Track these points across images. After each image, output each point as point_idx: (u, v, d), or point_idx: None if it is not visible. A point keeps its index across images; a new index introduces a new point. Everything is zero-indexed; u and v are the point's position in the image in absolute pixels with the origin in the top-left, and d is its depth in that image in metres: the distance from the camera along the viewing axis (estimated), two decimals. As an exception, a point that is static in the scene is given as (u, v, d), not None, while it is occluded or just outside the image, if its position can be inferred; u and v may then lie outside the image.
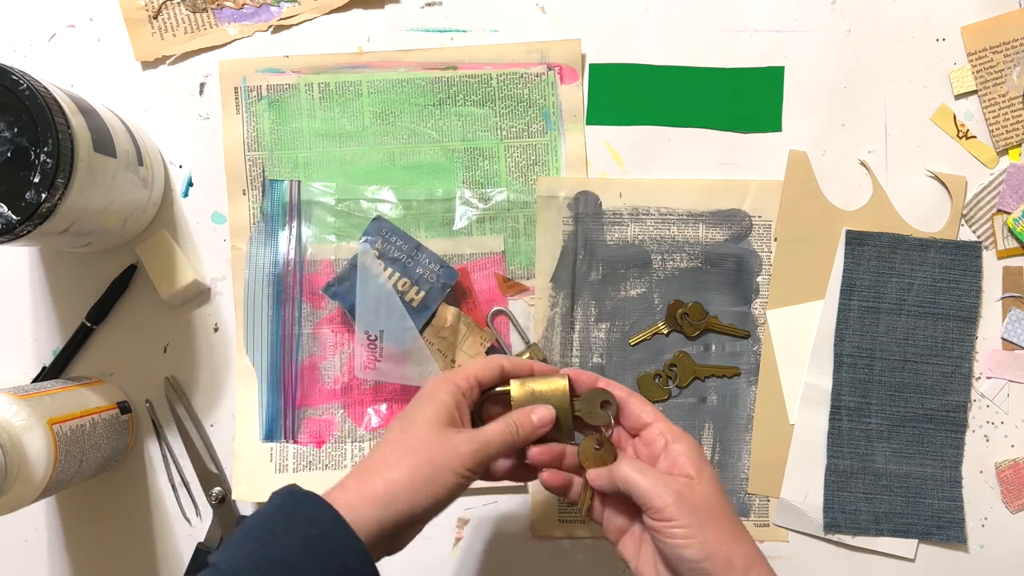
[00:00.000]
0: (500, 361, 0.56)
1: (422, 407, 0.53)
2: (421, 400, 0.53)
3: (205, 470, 0.71)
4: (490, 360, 0.56)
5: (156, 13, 0.72)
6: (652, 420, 0.55)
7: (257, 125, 0.72)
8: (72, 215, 0.59)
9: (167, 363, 0.72)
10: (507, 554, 0.71)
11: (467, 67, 0.71)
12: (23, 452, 0.58)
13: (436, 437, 0.51)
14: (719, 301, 0.71)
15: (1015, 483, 0.70)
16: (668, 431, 0.54)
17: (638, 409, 0.55)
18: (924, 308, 0.70)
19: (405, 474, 0.49)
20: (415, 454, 0.50)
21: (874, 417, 0.70)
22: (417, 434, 0.51)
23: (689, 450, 0.53)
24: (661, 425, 0.54)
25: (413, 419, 0.52)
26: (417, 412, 0.52)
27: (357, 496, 0.49)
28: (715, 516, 0.50)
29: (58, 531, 0.72)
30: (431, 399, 0.53)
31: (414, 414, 0.53)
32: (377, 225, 0.71)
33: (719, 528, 0.50)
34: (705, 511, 0.50)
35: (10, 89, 0.55)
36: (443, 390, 0.53)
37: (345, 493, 0.49)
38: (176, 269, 0.70)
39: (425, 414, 0.52)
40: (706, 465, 0.52)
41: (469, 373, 0.55)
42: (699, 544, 0.49)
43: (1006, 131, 0.70)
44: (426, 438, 0.51)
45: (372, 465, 0.51)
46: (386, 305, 0.70)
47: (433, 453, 0.50)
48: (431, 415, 0.52)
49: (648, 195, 0.71)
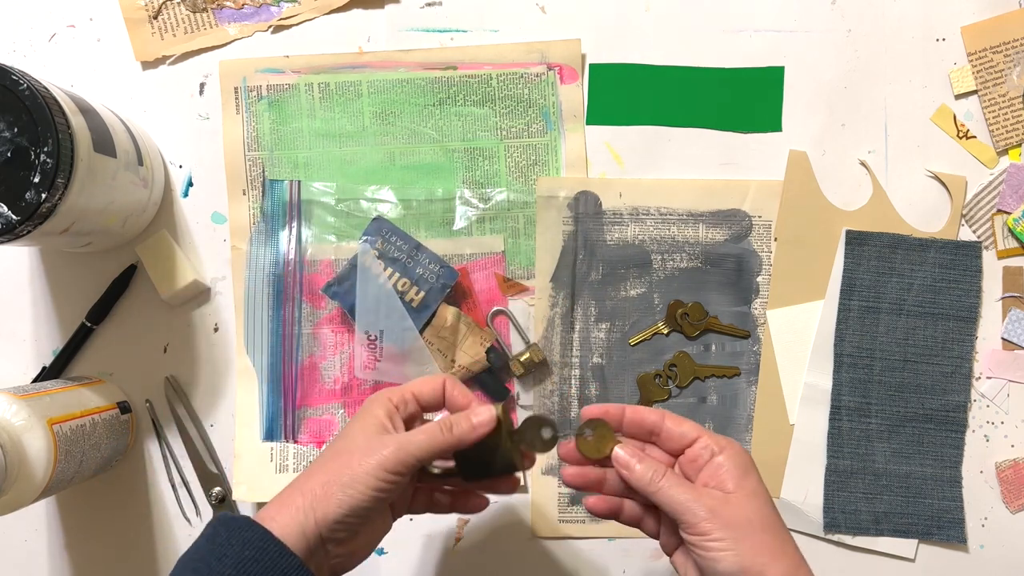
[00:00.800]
0: (442, 379, 0.55)
1: (353, 421, 0.53)
2: (355, 418, 0.53)
3: (205, 470, 0.71)
4: (432, 379, 0.55)
5: (156, 13, 0.72)
6: (696, 435, 0.53)
7: (257, 125, 0.72)
8: (72, 215, 0.59)
9: (167, 363, 0.72)
10: (507, 554, 0.71)
11: (467, 67, 0.71)
12: (23, 452, 0.58)
13: (360, 444, 0.50)
14: (719, 301, 0.71)
15: (1015, 483, 0.70)
16: (714, 443, 0.52)
17: (676, 428, 0.53)
18: (924, 308, 0.70)
19: (323, 480, 0.49)
20: (334, 460, 0.50)
21: (874, 417, 0.70)
22: (341, 444, 0.51)
23: (732, 461, 0.51)
24: (705, 439, 0.52)
25: (343, 432, 0.52)
26: (348, 426, 0.53)
27: (280, 509, 0.49)
28: (753, 529, 0.49)
29: (58, 531, 0.72)
30: (363, 412, 0.53)
31: (346, 428, 0.53)
32: (377, 225, 0.70)
33: (756, 541, 0.49)
34: (742, 524, 0.49)
35: (10, 89, 0.55)
36: (376, 403, 0.53)
37: (269, 509, 0.49)
38: (176, 269, 0.70)
39: (354, 425, 0.52)
40: (749, 477, 0.51)
41: (405, 388, 0.54)
42: (733, 557, 0.48)
43: (1006, 131, 0.70)
44: (348, 446, 0.51)
45: (297, 480, 0.51)
46: (386, 305, 0.70)
47: (352, 457, 0.50)
48: (358, 425, 0.52)
49: (648, 195, 0.71)
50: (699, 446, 0.52)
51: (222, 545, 0.47)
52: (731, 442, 0.52)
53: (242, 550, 0.46)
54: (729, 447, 0.52)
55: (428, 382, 0.55)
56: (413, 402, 0.54)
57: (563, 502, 0.71)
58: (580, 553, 0.71)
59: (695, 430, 0.53)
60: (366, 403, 0.54)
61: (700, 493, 0.50)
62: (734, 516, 0.49)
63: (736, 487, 0.50)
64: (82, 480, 0.65)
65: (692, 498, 0.49)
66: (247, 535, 0.47)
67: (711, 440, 0.52)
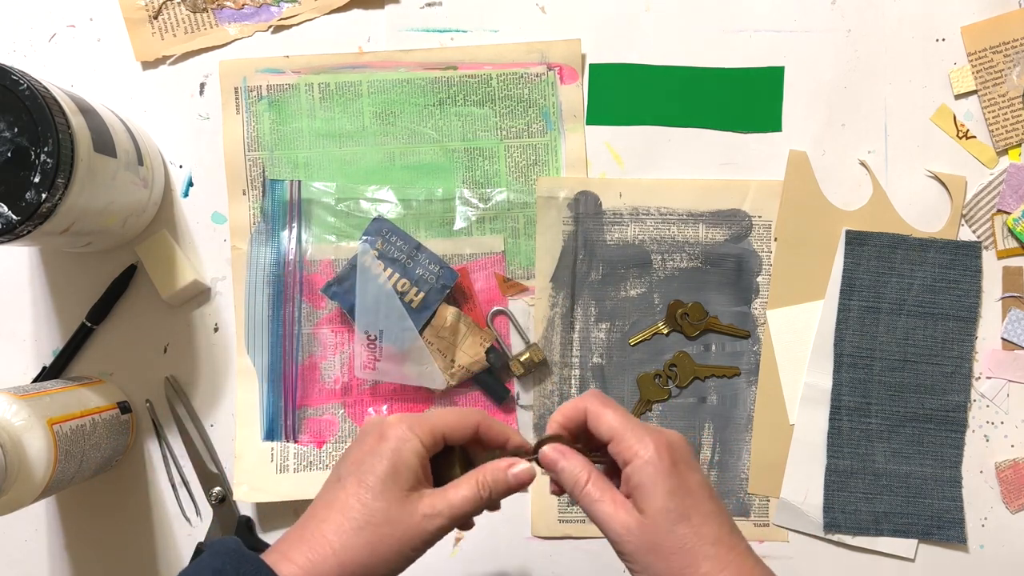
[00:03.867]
0: (476, 420, 0.50)
1: (382, 467, 0.47)
2: (380, 456, 0.47)
3: (205, 470, 0.71)
4: (465, 417, 0.50)
5: (156, 13, 0.72)
6: (609, 437, 0.49)
7: (257, 125, 0.72)
8: (72, 215, 0.59)
9: (167, 363, 0.72)
10: (507, 554, 0.71)
11: (467, 67, 0.71)
12: (23, 452, 0.58)
13: (398, 510, 0.46)
14: (719, 301, 0.71)
15: (1015, 483, 0.70)
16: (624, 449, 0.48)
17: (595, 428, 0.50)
18: (924, 308, 0.70)
19: (363, 556, 0.46)
20: (373, 531, 0.46)
21: (874, 417, 0.70)
22: (376, 506, 0.46)
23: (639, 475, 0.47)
24: (614, 445, 0.49)
25: (370, 483, 0.47)
26: (377, 473, 0.47)
27: (300, 552, 0.45)
28: (661, 554, 0.47)
29: (58, 531, 0.72)
30: (394, 460, 0.47)
31: (372, 473, 0.47)
32: (377, 225, 0.71)
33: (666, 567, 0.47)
34: (649, 551, 0.47)
35: (10, 89, 0.55)
36: (408, 450, 0.47)
37: (293, 565, 0.45)
38: (176, 269, 0.70)
39: (387, 480, 0.47)
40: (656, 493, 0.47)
41: (436, 430, 0.49)
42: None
43: (1006, 131, 0.70)
44: (387, 511, 0.46)
45: (323, 534, 0.46)
46: (386, 305, 0.70)
47: (395, 530, 0.46)
48: (393, 482, 0.47)
49: (648, 195, 0.71)
50: (611, 450, 0.49)
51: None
52: (643, 447, 0.48)
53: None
54: (636, 458, 0.48)
55: (460, 422, 0.50)
56: (442, 442, 0.50)
57: (563, 502, 0.71)
58: (580, 553, 0.71)
59: (609, 431, 0.49)
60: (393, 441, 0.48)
61: (617, 512, 0.48)
62: (644, 541, 0.47)
63: (645, 505, 0.47)
64: (82, 480, 0.65)
65: (608, 518, 0.48)
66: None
67: (621, 447, 0.48)
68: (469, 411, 0.51)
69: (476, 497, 0.48)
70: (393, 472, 0.47)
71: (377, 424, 0.49)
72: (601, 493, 0.48)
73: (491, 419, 0.51)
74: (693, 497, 0.48)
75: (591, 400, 0.50)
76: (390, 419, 0.49)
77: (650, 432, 0.49)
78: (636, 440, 0.48)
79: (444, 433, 0.49)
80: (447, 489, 0.48)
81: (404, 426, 0.48)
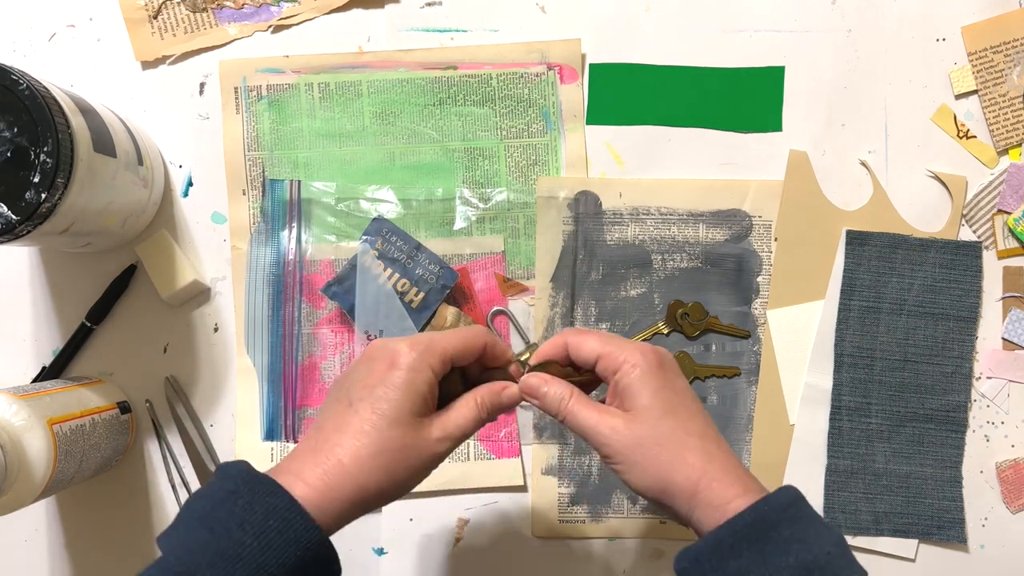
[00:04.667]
0: (483, 340, 0.52)
1: (396, 396, 0.48)
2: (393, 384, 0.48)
3: (205, 470, 0.71)
4: (472, 337, 0.51)
5: (156, 13, 0.72)
6: (595, 356, 0.51)
7: (257, 125, 0.72)
8: (72, 215, 0.59)
9: (167, 363, 0.72)
10: (507, 554, 0.71)
11: (467, 67, 0.71)
12: (23, 452, 0.58)
13: (413, 437, 0.48)
14: (719, 301, 0.71)
15: (1015, 483, 0.70)
16: (611, 362, 0.50)
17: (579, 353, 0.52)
18: (924, 308, 0.70)
19: (380, 480, 0.47)
20: (390, 456, 0.47)
21: (874, 417, 0.70)
22: (392, 434, 0.47)
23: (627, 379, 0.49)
24: (603, 361, 0.51)
25: (385, 411, 0.48)
26: (391, 401, 0.48)
27: (323, 496, 0.46)
28: (648, 447, 0.48)
29: (58, 531, 0.72)
30: (407, 390, 0.48)
31: (386, 401, 0.48)
32: (377, 225, 0.70)
33: (653, 459, 0.48)
34: (637, 446, 0.48)
35: (10, 89, 0.55)
36: (421, 380, 0.48)
37: (307, 487, 0.46)
38: (176, 269, 0.70)
39: (401, 407, 0.48)
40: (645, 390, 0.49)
41: (446, 355, 0.50)
42: (636, 479, 0.49)
43: (1006, 131, 0.70)
44: (403, 438, 0.47)
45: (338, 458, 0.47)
46: (386, 305, 0.70)
47: (410, 456, 0.48)
48: (407, 410, 0.48)
49: (648, 195, 0.71)
50: (600, 368, 0.51)
51: (244, 508, 0.44)
52: (629, 353, 0.50)
53: (266, 518, 0.44)
54: (624, 364, 0.50)
55: (468, 344, 0.51)
56: (450, 366, 0.51)
57: (563, 502, 0.71)
58: (580, 553, 0.71)
59: (593, 352, 0.51)
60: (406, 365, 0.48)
61: (602, 416, 0.50)
62: (631, 437, 0.49)
63: (631, 405, 0.49)
64: (82, 480, 0.65)
65: (595, 422, 0.50)
66: (272, 502, 0.44)
67: (608, 361, 0.50)
68: (475, 332, 0.52)
69: (477, 417, 0.50)
70: (406, 400, 0.48)
71: (387, 350, 0.50)
72: (583, 406, 0.50)
73: (495, 338, 0.53)
74: (679, 396, 0.50)
75: (569, 334, 0.53)
76: (400, 346, 0.49)
77: (634, 343, 0.51)
78: (620, 350, 0.50)
79: (453, 357, 0.50)
80: (451, 411, 0.50)
81: (415, 354, 0.49)
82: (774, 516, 0.46)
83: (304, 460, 0.47)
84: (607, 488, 0.71)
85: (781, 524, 0.46)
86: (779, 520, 0.46)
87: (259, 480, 0.45)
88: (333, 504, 0.46)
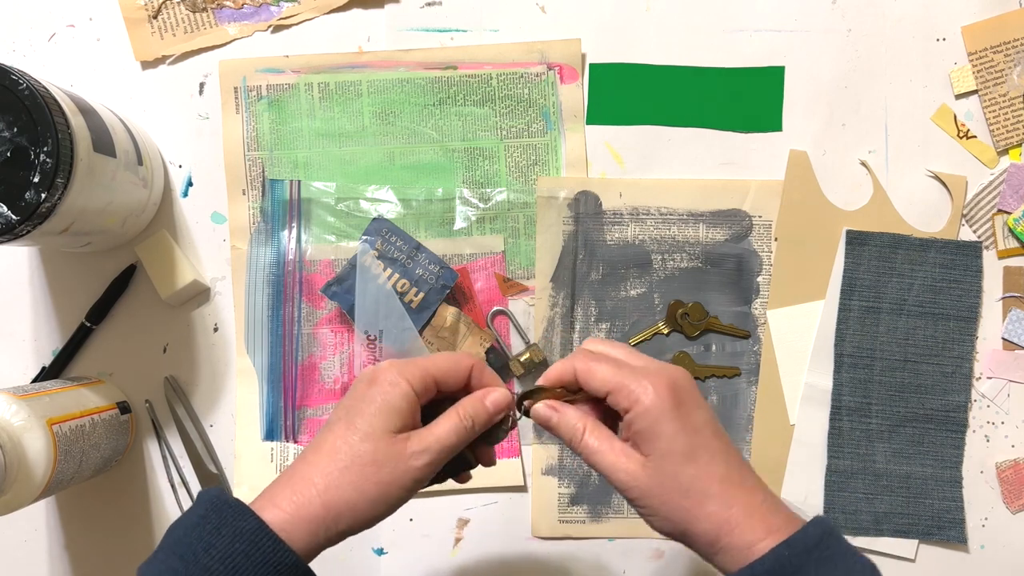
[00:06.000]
0: (469, 363, 0.50)
1: (371, 410, 0.47)
2: (370, 400, 0.47)
3: (205, 470, 0.71)
4: (458, 359, 0.50)
5: (156, 13, 0.72)
6: (605, 391, 0.48)
7: (257, 125, 0.72)
8: (72, 215, 0.59)
9: (167, 363, 0.72)
10: (507, 554, 0.71)
11: (467, 67, 0.71)
12: (23, 452, 0.58)
13: (386, 451, 0.46)
14: (719, 301, 0.71)
15: (1015, 483, 0.70)
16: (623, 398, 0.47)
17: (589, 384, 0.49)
18: (924, 308, 0.70)
19: (349, 495, 0.46)
20: (359, 471, 0.46)
21: (874, 417, 0.70)
22: (363, 447, 0.46)
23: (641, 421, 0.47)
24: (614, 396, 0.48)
25: (359, 426, 0.47)
26: (365, 415, 0.47)
27: (292, 516, 0.45)
28: (669, 496, 0.46)
29: (58, 531, 0.72)
30: (383, 404, 0.47)
31: (361, 416, 0.47)
32: (377, 225, 0.70)
33: (675, 508, 0.46)
34: (655, 495, 0.47)
35: (10, 89, 0.55)
36: (397, 394, 0.47)
37: (277, 509, 0.45)
38: (176, 269, 0.70)
39: (374, 422, 0.47)
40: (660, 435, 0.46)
41: (427, 374, 0.48)
42: (658, 522, 0.47)
43: (1006, 131, 0.70)
44: (374, 453, 0.46)
45: (309, 477, 0.46)
46: (385, 305, 0.70)
47: (381, 470, 0.46)
48: (380, 425, 0.47)
49: (648, 195, 0.71)
50: (611, 402, 0.48)
51: (211, 533, 0.44)
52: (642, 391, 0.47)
53: (232, 542, 0.43)
54: (636, 404, 0.47)
55: (452, 366, 0.49)
56: (433, 388, 0.49)
57: (563, 502, 0.71)
58: (580, 553, 0.71)
59: (604, 385, 0.48)
60: (383, 385, 0.48)
61: (618, 459, 0.48)
62: (649, 485, 0.47)
63: (648, 449, 0.47)
64: (82, 480, 0.65)
65: (610, 465, 0.48)
66: (239, 525, 0.44)
67: (619, 398, 0.47)
68: (462, 354, 0.51)
69: (459, 427, 0.48)
70: (380, 414, 0.47)
71: (368, 371, 0.49)
72: (600, 442, 0.48)
73: (484, 365, 0.51)
74: (699, 436, 0.47)
75: (580, 359, 0.50)
76: (382, 365, 0.49)
77: (649, 374, 0.47)
78: (634, 385, 0.47)
79: (436, 377, 0.49)
80: (431, 426, 0.48)
81: (394, 371, 0.48)
82: (797, 560, 0.44)
83: (279, 485, 0.47)
84: (607, 488, 0.71)
85: (806, 568, 0.44)
86: (803, 564, 0.44)
87: (228, 504, 0.45)
88: (302, 524, 0.45)
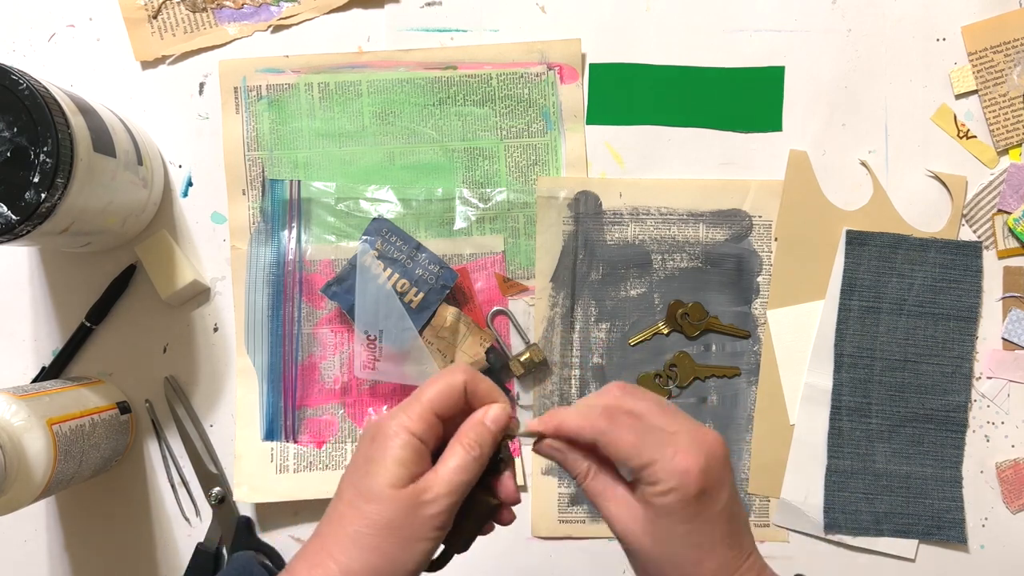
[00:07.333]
0: (461, 379, 0.47)
1: (375, 470, 0.45)
2: (372, 459, 0.45)
3: (205, 470, 0.71)
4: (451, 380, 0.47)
5: (156, 13, 0.72)
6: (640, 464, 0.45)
7: (257, 125, 0.72)
8: (72, 215, 0.59)
9: (167, 363, 0.72)
10: (507, 554, 0.71)
11: (467, 67, 0.71)
12: (23, 452, 0.58)
13: (395, 508, 0.44)
14: (719, 301, 0.71)
15: (1015, 483, 0.70)
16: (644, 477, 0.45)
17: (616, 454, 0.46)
18: (924, 308, 0.70)
19: (370, 561, 0.44)
20: (375, 535, 0.44)
21: (874, 417, 0.70)
22: (373, 511, 0.44)
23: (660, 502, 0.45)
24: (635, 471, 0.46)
25: (367, 487, 0.45)
26: (370, 476, 0.45)
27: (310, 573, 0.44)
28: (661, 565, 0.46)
29: (58, 531, 0.72)
30: (383, 458, 0.45)
31: (366, 478, 0.45)
32: (377, 225, 0.70)
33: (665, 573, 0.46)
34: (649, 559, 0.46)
35: (10, 89, 0.55)
36: (396, 446, 0.45)
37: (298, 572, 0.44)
38: (176, 269, 0.70)
39: (379, 481, 0.44)
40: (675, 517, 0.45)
41: (425, 411, 0.46)
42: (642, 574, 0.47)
43: (1006, 131, 0.70)
44: (383, 512, 0.44)
45: (328, 550, 0.45)
46: (385, 305, 0.70)
47: (394, 529, 0.44)
48: (385, 482, 0.44)
49: (648, 195, 0.71)
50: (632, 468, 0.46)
51: None
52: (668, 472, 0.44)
53: None
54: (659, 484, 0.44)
55: (447, 390, 0.47)
56: (438, 423, 0.46)
57: (563, 502, 0.71)
58: (580, 553, 0.71)
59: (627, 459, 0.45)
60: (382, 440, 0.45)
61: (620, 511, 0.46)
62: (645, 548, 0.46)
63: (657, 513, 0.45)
64: (82, 480, 0.65)
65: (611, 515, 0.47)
66: None
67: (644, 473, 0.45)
68: (453, 370, 0.47)
69: (468, 459, 0.46)
70: (384, 472, 0.45)
71: (372, 427, 0.47)
72: (603, 488, 0.47)
73: (477, 376, 0.48)
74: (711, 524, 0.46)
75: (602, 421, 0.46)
76: (382, 418, 0.47)
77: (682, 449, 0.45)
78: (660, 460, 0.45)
79: (435, 410, 0.46)
80: (436, 467, 0.46)
81: (393, 423, 0.46)
82: None
83: (299, 560, 0.46)
84: (607, 488, 0.71)
85: None
86: None
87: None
88: None
